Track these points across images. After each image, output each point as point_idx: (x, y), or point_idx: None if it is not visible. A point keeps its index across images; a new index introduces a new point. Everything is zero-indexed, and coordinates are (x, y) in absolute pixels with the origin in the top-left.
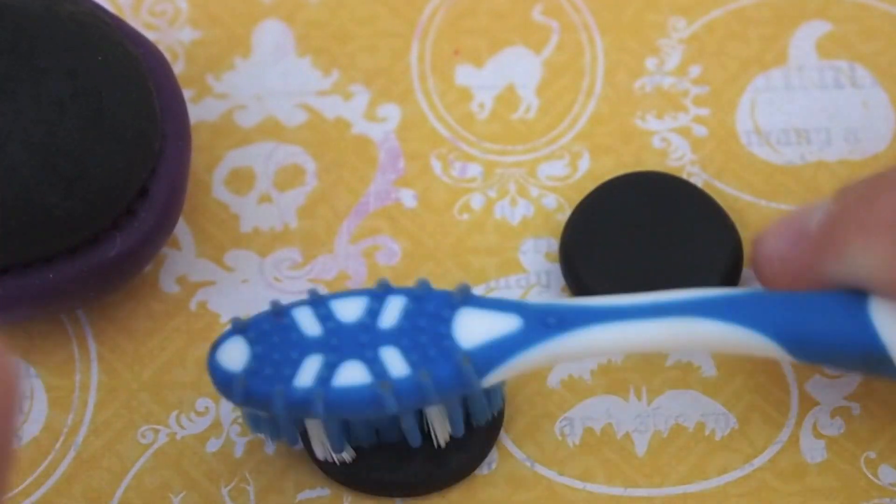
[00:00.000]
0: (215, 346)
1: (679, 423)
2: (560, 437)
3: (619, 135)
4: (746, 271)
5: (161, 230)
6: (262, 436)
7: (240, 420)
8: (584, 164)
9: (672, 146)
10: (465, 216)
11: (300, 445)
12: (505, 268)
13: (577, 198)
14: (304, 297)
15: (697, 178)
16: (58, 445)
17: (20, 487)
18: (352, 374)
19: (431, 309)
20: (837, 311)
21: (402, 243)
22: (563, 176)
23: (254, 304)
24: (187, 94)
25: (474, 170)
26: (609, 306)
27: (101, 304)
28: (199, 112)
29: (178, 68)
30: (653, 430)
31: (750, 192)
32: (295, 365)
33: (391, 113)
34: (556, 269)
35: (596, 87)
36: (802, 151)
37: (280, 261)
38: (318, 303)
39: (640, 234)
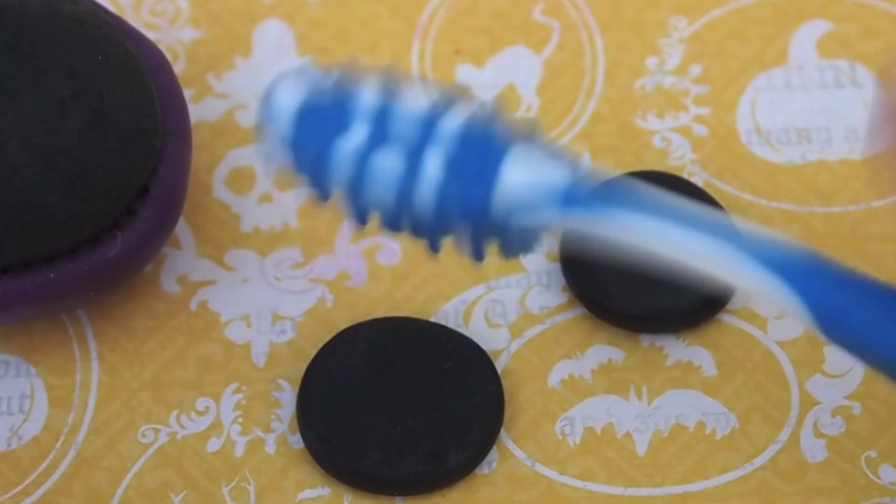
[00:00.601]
0: (277, 85)
1: (679, 422)
2: (560, 437)
3: (620, 134)
4: None
5: (162, 230)
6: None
7: (240, 419)
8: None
9: (673, 146)
10: None
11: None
12: (505, 268)
13: None
14: (380, 75)
15: (698, 178)
16: (58, 445)
17: (20, 487)
18: (388, 159)
19: (492, 132)
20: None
21: (402, 243)
22: None
23: (254, 303)
24: (188, 93)
25: None
26: (659, 205)
27: (101, 304)
28: (200, 111)
29: (178, 68)
30: (653, 430)
31: (750, 191)
32: (341, 130)
33: None
34: (556, 268)
35: (596, 87)
36: (803, 151)
37: (281, 260)
38: (389, 84)
39: None
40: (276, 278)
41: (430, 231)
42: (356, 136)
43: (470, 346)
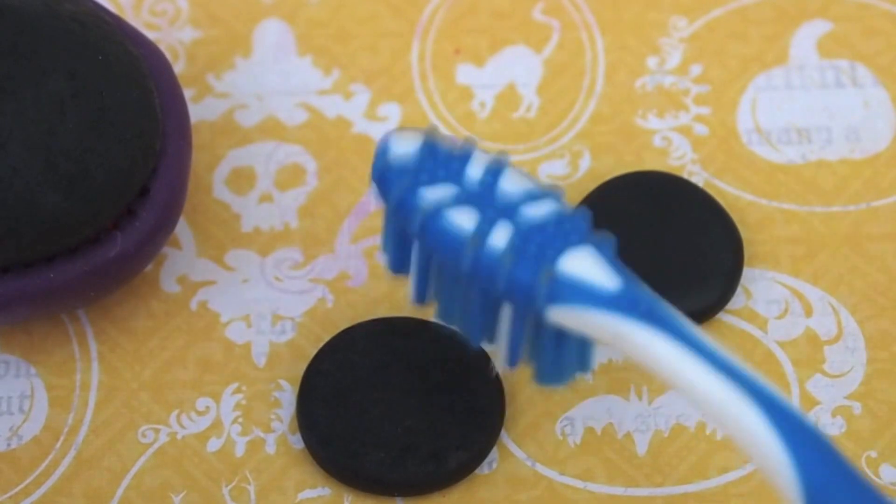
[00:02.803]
0: (397, 133)
1: (680, 422)
2: (561, 437)
3: (620, 134)
4: (747, 270)
5: (162, 230)
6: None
7: (240, 419)
8: (585, 163)
9: (673, 145)
10: None
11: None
12: None
13: (578, 197)
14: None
15: (698, 178)
16: (58, 445)
17: (20, 486)
18: (461, 219)
19: (566, 227)
20: None
21: None
22: (563, 175)
23: (255, 303)
24: (188, 93)
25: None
26: (692, 335)
27: (101, 304)
28: (200, 111)
29: (178, 68)
30: (654, 430)
31: (751, 191)
32: (433, 182)
33: (392, 112)
34: None
35: (597, 86)
36: (803, 150)
37: (281, 260)
38: (497, 161)
39: (640, 233)
40: (276, 278)
41: (476, 303)
42: (445, 191)
43: (470, 346)
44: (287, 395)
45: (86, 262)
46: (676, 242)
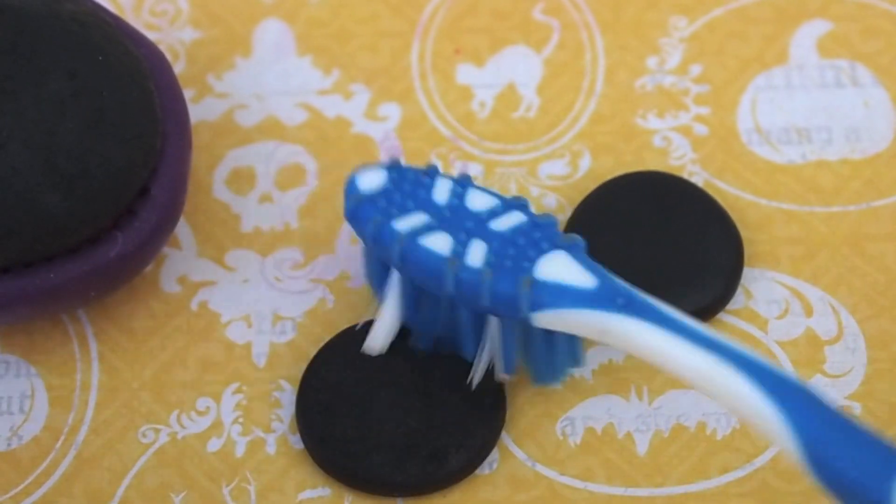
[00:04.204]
0: (362, 169)
1: (680, 422)
2: (561, 437)
3: (620, 134)
4: (747, 270)
5: (162, 230)
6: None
7: (241, 419)
8: (585, 163)
9: (673, 145)
10: None
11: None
12: None
13: (578, 197)
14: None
15: (698, 178)
16: (58, 445)
17: (20, 486)
18: (438, 243)
19: (536, 235)
20: (871, 463)
21: None
22: (563, 175)
23: (255, 303)
24: (188, 93)
25: (475, 169)
26: (672, 317)
27: (102, 304)
28: (200, 111)
29: (178, 68)
30: (654, 430)
31: (751, 191)
32: (404, 212)
33: (392, 112)
34: None
35: (597, 86)
36: (803, 150)
37: (281, 261)
38: (460, 182)
39: (640, 233)
40: (276, 279)
41: (463, 320)
42: (416, 219)
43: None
44: (287, 396)
45: (86, 262)
46: (676, 242)
